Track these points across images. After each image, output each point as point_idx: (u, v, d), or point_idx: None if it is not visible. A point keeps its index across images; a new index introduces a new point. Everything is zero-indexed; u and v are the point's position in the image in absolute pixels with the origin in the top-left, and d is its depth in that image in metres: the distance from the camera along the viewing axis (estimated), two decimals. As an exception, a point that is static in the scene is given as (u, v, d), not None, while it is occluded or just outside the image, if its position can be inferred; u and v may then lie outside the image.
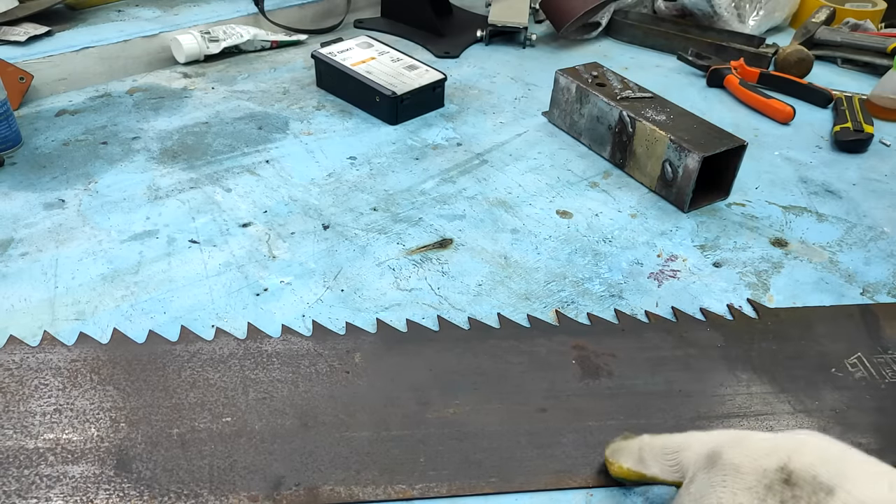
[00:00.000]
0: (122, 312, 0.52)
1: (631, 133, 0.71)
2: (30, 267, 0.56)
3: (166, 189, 0.67)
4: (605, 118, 0.74)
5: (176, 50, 0.93)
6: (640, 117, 0.70)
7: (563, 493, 0.41)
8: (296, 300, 0.54)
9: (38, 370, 0.47)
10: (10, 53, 0.83)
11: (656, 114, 0.71)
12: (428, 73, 0.84)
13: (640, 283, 0.58)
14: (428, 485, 0.41)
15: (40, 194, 0.66)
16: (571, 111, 0.79)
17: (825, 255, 0.63)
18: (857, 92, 0.91)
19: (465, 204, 0.68)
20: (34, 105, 0.82)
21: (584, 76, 0.78)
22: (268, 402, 0.45)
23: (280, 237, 0.62)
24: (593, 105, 0.75)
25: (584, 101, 0.76)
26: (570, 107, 0.79)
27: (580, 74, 0.78)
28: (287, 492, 0.40)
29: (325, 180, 0.70)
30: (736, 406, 0.47)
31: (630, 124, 0.71)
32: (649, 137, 0.69)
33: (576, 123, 0.79)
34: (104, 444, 0.42)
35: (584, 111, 0.77)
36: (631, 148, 0.72)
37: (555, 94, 0.81)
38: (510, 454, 0.43)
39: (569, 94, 0.79)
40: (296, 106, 0.85)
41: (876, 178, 0.75)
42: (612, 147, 0.75)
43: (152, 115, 0.81)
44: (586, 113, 0.77)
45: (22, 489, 0.39)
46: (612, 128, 0.74)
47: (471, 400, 0.46)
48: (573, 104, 0.78)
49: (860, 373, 0.50)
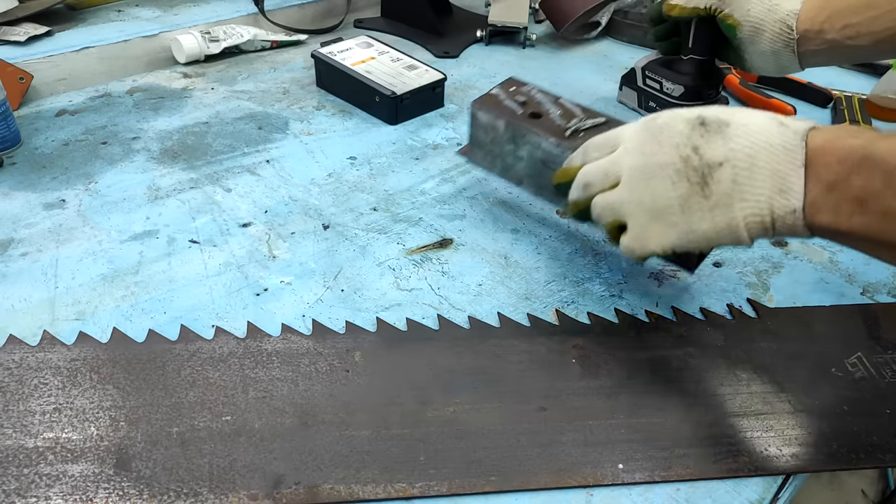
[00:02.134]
0: (122, 312, 0.52)
1: None
2: (30, 267, 0.56)
3: (166, 189, 0.67)
4: (555, 163, 0.55)
5: (176, 50, 0.93)
6: None
7: (563, 493, 0.41)
8: (296, 300, 0.54)
9: (37, 369, 0.47)
10: (10, 53, 0.83)
11: None
12: (428, 73, 0.84)
13: (641, 283, 0.58)
14: (428, 483, 0.41)
15: (40, 194, 0.66)
16: (503, 153, 0.59)
17: (825, 255, 0.63)
18: (857, 92, 0.91)
19: (465, 204, 0.68)
20: (34, 105, 0.82)
21: (509, 105, 0.59)
22: (268, 401, 0.45)
23: (280, 237, 0.62)
24: (534, 147, 0.56)
25: (521, 142, 0.57)
26: (499, 148, 0.59)
27: (502, 104, 0.59)
28: (287, 490, 0.40)
29: (325, 180, 0.70)
30: (736, 405, 0.47)
31: None
32: None
33: (511, 168, 0.59)
34: (104, 442, 0.42)
35: (521, 153, 0.58)
36: None
37: (475, 133, 0.61)
38: (510, 453, 0.43)
39: (495, 134, 0.59)
40: (296, 106, 0.85)
41: (876, 178, 0.75)
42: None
43: (152, 115, 0.81)
44: (525, 156, 0.57)
45: (21, 488, 0.39)
46: None
47: (471, 399, 0.46)
48: (503, 145, 0.59)
49: (860, 373, 0.50)
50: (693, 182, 0.42)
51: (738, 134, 0.41)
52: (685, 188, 0.42)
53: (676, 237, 0.43)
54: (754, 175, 0.40)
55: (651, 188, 0.43)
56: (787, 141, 0.40)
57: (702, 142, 0.42)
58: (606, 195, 0.47)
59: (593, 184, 0.48)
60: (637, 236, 0.45)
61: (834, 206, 0.38)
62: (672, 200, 0.43)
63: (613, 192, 0.46)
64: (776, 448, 0.44)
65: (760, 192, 0.40)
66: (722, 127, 0.42)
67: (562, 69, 1.00)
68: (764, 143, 0.40)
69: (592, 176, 0.48)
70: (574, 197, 0.50)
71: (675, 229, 0.43)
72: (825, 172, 0.39)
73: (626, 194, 0.45)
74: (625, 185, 0.45)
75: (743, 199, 0.40)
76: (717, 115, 0.43)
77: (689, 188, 0.42)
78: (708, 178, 0.41)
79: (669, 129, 0.43)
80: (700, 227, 0.42)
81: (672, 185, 0.42)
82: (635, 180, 0.44)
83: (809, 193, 0.39)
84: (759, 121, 0.42)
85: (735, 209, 0.41)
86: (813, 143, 0.39)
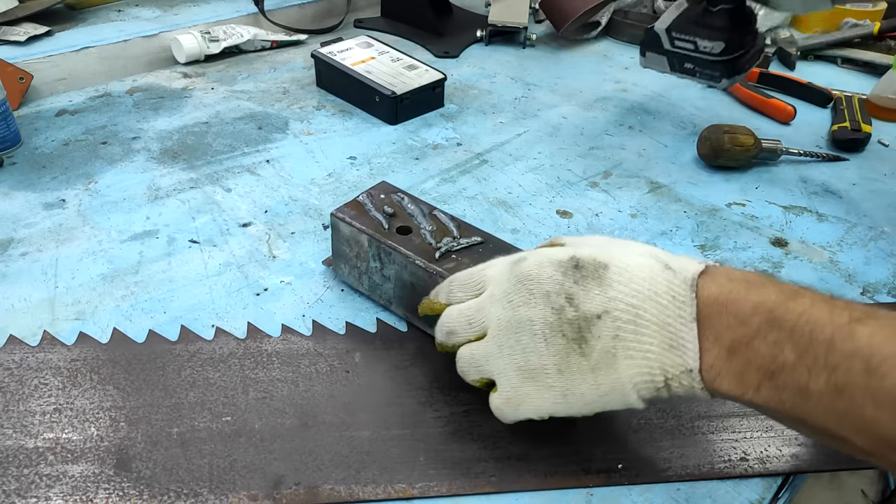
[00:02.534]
0: (122, 312, 0.52)
1: None
2: (30, 267, 0.56)
3: (166, 189, 0.67)
4: (424, 287, 0.48)
5: (176, 50, 0.93)
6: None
7: (563, 493, 0.41)
8: (296, 300, 0.54)
9: (37, 370, 0.47)
10: (10, 53, 0.83)
11: None
12: (428, 73, 0.84)
13: (640, 283, 0.58)
14: (428, 484, 0.41)
15: (40, 194, 0.66)
16: (368, 271, 0.52)
17: (825, 255, 0.63)
18: (857, 92, 0.91)
19: (466, 204, 0.68)
20: (34, 105, 0.82)
21: (376, 216, 0.51)
22: (268, 402, 0.45)
23: (280, 237, 0.62)
24: (401, 267, 0.49)
25: (387, 260, 0.50)
26: (363, 264, 0.52)
27: (368, 214, 0.52)
28: (287, 491, 0.40)
29: (325, 180, 0.70)
30: (736, 405, 0.47)
31: None
32: None
33: (379, 287, 0.52)
34: (104, 443, 0.42)
35: (388, 272, 0.51)
36: None
37: (336, 245, 0.54)
38: (510, 453, 0.43)
39: (359, 248, 0.51)
40: (296, 106, 0.85)
41: (876, 178, 0.75)
42: None
43: (152, 114, 0.81)
44: (393, 276, 0.50)
45: (21, 488, 0.39)
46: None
47: (471, 399, 0.46)
48: (368, 261, 0.51)
49: (860, 372, 0.50)
50: (569, 338, 0.36)
51: (619, 280, 0.36)
52: (560, 345, 0.36)
53: (553, 401, 0.37)
54: (640, 329, 0.35)
55: (522, 345, 0.38)
56: (674, 289, 0.35)
57: (577, 289, 0.36)
58: (472, 348, 0.41)
59: (457, 332, 0.41)
60: (509, 398, 0.39)
61: (738, 374, 0.33)
62: (546, 359, 0.37)
63: (480, 346, 0.40)
64: (776, 448, 0.44)
65: (648, 347, 0.35)
66: (599, 271, 0.37)
67: (562, 69, 1.00)
68: (648, 291, 0.35)
69: (456, 323, 0.41)
70: (439, 340, 0.43)
71: (552, 392, 0.37)
72: (724, 332, 0.34)
73: (494, 349, 0.39)
74: (492, 338, 0.39)
75: (629, 357, 0.35)
76: (593, 256, 0.37)
77: (566, 345, 0.36)
78: (586, 332, 0.36)
79: (539, 276, 0.38)
80: (580, 390, 0.37)
81: (545, 341, 0.37)
82: (503, 335, 0.38)
83: (707, 354, 0.34)
84: (641, 263, 0.36)
85: (620, 368, 0.35)
86: (705, 294, 0.34)
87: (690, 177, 0.74)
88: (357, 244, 0.51)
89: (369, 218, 0.51)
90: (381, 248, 0.50)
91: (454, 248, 0.49)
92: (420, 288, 0.48)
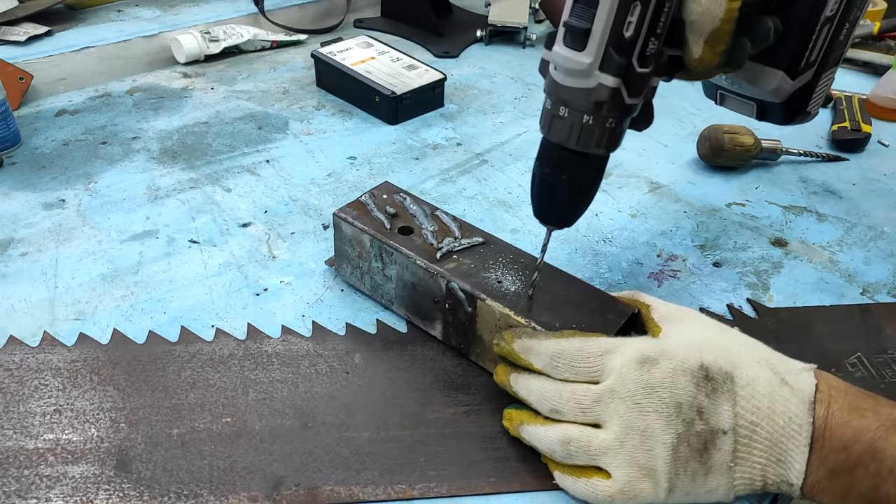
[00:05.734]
0: (122, 312, 0.52)
1: (470, 313, 0.47)
2: (30, 267, 0.56)
3: (166, 189, 0.67)
4: (425, 287, 0.49)
5: (176, 50, 0.93)
6: (481, 290, 0.46)
7: (563, 493, 0.41)
8: (296, 300, 0.54)
9: (37, 370, 0.47)
10: (10, 53, 0.83)
11: (501, 275, 0.48)
12: (428, 73, 0.84)
13: (640, 283, 0.58)
14: (428, 485, 0.41)
15: (40, 194, 0.66)
16: (370, 271, 0.52)
17: (825, 255, 0.63)
18: (857, 92, 0.91)
19: (465, 204, 0.68)
20: (34, 105, 0.82)
21: (378, 216, 0.52)
22: (268, 403, 0.45)
23: (280, 237, 0.62)
24: (402, 268, 0.50)
25: (388, 261, 0.50)
26: (365, 264, 0.52)
27: (370, 214, 0.52)
28: (287, 492, 0.40)
29: (325, 180, 0.70)
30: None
31: (467, 302, 0.47)
32: (500, 323, 0.45)
33: (381, 287, 0.53)
34: (104, 444, 0.42)
35: (389, 272, 0.51)
36: (473, 332, 0.48)
37: (339, 245, 0.54)
38: (510, 454, 0.43)
39: (361, 248, 0.52)
40: (296, 106, 0.85)
41: (876, 178, 0.75)
42: (444, 327, 0.50)
43: (152, 115, 0.81)
44: (394, 276, 0.51)
45: (22, 489, 0.39)
46: (437, 301, 0.49)
47: (471, 400, 0.46)
48: (370, 261, 0.52)
49: (860, 373, 0.50)
50: (693, 448, 0.38)
51: (743, 395, 0.39)
52: (684, 454, 0.38)
53: (658, 495, 0.39)
54: (753, 443, 0.38)
55: (646, 447, 0.39)
56: (791, 409, 0.38)
57: (707, 403, 0.38)
58: (589, 435, 0.40)
59: (563, 413, 0.41)
60: (624, 492, 0.40)
61: (840, 496, 0.37)
62: (668, 465, 0.39)
63: (598, 436, 0.40)
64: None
65: (757, 460, 0.38)
66: (727, 384, 0.39)
67: (562, 69, 1.00)
68: (767, 410, 0.38)
69: (566, 406, 0.40)
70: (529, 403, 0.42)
71: (663, 488, 0.39)
72: (829, 456, 0.37)
73: (615, 444, 0.39)
74: (613, 434, 0.39)
75: (739, 468, 0.38)
76: (718, 365, 0.39)
77: (689, 454, 0.38)
78: (710, 444, 0.38)
79: (673, 386, 0.39)
80: (687, 488, 0.39)
81: (671, 450, 0.38)
82: (627, 434, 0.39)
83: (811, 475, 0.38)
84: (759, 376, 0.39)
85: (730, 476, 0.39)
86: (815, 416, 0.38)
87: (690, 177, 0.74)
88: (359, 244, 0.52)
89: (371, 218, 0.52)
90: (383, 249, 0.50)
91: (455, 248, 0.49)
92: (420, 288, 0.49)
